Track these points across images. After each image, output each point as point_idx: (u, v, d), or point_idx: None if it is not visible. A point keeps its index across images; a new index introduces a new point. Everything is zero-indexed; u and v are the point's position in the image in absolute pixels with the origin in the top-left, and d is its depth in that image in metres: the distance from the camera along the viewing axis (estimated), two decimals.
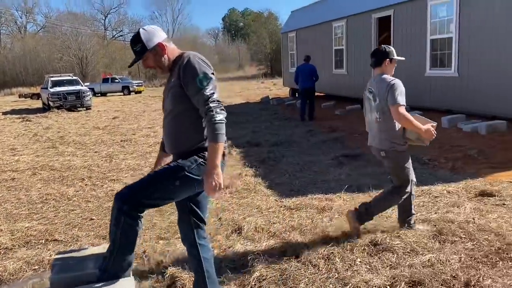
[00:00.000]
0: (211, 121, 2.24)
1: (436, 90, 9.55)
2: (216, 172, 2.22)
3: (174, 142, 2.47)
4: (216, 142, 2.24)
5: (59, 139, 10.50)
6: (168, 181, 2.34)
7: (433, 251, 3.32)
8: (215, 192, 2.25)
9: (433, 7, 9.41)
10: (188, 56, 2.36)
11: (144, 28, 2.43)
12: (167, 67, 2.45)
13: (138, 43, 2.39)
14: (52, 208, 5.14)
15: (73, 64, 51.27)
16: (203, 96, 2.27)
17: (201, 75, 2.29)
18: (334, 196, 4.94)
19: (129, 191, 2.33)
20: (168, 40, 2.46)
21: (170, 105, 2.43)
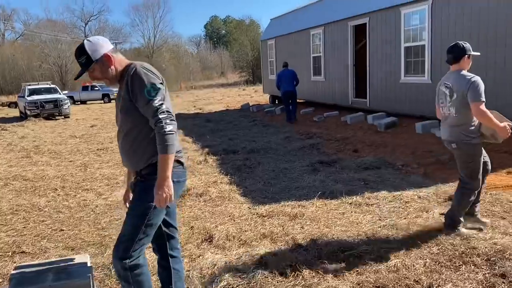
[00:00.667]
0: (161, 132, 2.22)
1: (411, 96, 9.72)
2: (167, 184, 2.22)
3: (130, 158, 2.43)
4: (166, 153, 2.22)
5: (34, 148, 10.32)
6: (146, 219, 2.34)
7: (400, 256, 3.37)
8: (165, 204, 2.25)
9: (406, 15, 9.61)
10: (134, 67, 2.32)
11: (89, 39, 2.39)
12: (114, 78, 2.41)
13: (83, 55, 2.34)
14: (22, 220, 5.04)
15: (52, 72, 50.58)
16: (151, 107, 2.24)
17: (148, 86, 2.26)
18: (307, 203, 4.97)
19: (120, 247, 2.33)
20: (114, 50, 2.42)
21: (122, 120, 2.40)
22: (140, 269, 2.37)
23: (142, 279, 2.38)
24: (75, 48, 2.42)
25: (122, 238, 2.35)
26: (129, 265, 2.31)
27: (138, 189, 2.41)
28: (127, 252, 2.31)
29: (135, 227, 2.33)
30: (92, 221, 4.87)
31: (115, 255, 2.34)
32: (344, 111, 12.54)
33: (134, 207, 2.39)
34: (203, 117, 15.48)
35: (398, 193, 5.16)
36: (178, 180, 2.39)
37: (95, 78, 2.41)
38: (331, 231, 4.03)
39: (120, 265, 2.31)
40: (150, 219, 2.34)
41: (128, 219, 2.38)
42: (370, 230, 4.00)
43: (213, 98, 27.83)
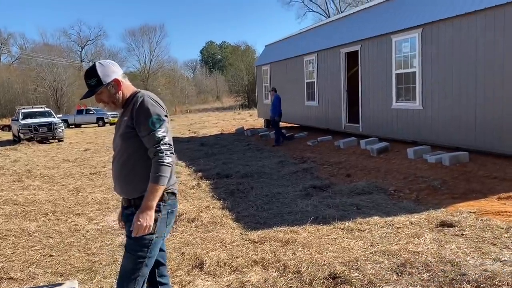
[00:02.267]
0: (158, 162, 2.23)
1: (402, 122, 9.84)
2: (149, 214, 2.23)
3: (124, 186, 2.42)
4: (157, 184, 2.23)
5: (26, 172, 10.26)
6: (145, 253, 2.34)
7: (390, 283, 3.36)
8: (142, 233, 2.24)
9: (397, 42, 9.82)
10: (142, 97, 2.35)
11: (101, 62, 2.41)
12: (120, 103, 2.44)
13: (93, 77, 2.36)
14: (11, 245, 4.98)
15: (47, 95, 50.68)
16: (154, 138, 2.26)
17: (154, 117, 2.29)
18: (299, 228, 4.96)
19: (125, 283, 2.33)
20: (124, 76, 2.45)
21: (119, 144, 2.41)
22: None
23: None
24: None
25: (125, 275, 2.34)
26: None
27: (130, 208, 2.39)
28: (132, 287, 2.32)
29: (136, 263, 2.32)
30: (82, 246, 4.82)
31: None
32: (337, 135, 12.63)
33: (132, 243, 2.34)
34: (198, 140, 15.51)
35: (390, 218, 5.16)
36: (172, 210, 2.40)
37: (101, 101, 2.42)
38: (322, 257, 4.01)
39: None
40: (150, 252, 2.34)
41: (128, 256, 2.36)
42: (362, 256, 3.99)
43: (208, 122, 27.93)
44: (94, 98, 2.48)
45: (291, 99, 16.09)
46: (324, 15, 52.99)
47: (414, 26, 9.18)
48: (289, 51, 16.28)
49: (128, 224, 2.41)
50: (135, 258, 2.32)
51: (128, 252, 2.36)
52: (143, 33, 64.32)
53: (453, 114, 8.34)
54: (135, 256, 2.32)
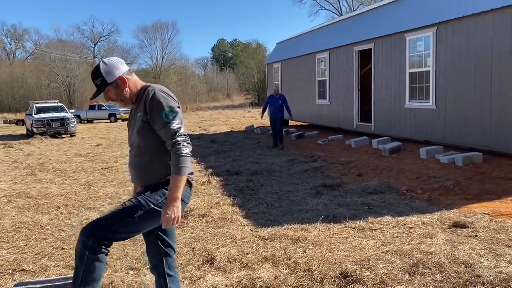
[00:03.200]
0: (177, 154, 2.26)
1: (415, 122, 9.74)
2: (176, 205, 2.24)
3: (141, 176, 2.47)
4: (180, 175, 2.26)
5: (38, 166, 10.37)
6: (134, 215, 2.32)
7: (403, 283, 3.32)
8: (172, 225, 2.25)
9: (411, 41, 9.72)
10: (153, 90, 2.37)
11: (104, 61, 2.42)
12: (129, 99, 2.46)
13: (98, 77, 2.38)
14: (24, 237, 5.03)
15: (60, 90, 51.24)
16: (170, 130, 2.29)
17: (167, 109, 2.31)
18: (309, 227, 4.93)
19: (95, 226, 2.31)
20: (129, 72, 2.46)
21: (136, 140, 2.43)
22: (97, 257, 2.29)
23: (96, 265, 2.30)
24: (91, 69, 2.46)
25: (101, 220, 2.34)
26: (91, 246, 2.26)
27: (144, 191, 2.42)
28: (95, 233, 2.27)
29: (118, 217, 2.32)
30: None
31: (84, 230, 2.30)
32: (348, 134, 12.57)
33: (129, 201, 2.40)
34: (208, 138, 15.54)
35: (402, 218, 5.11)
36: (183, 200, 2.40)
37: (110, 99, 2.46)
38: (333, 255, 3.98)
39: (83, 241, 2.27)
40: (136, 219, 2.31)
41: (117, 207, 2.39)
42: (373, 255, 3.95)
43: (218, 119, 27.97)
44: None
45: (302, 97, 16.04)
46: (337, 13, 52.76)
47: (429, 25, 9.08)
48: (301, 48, 16.21)
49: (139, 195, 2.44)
50: (120, 212, 2.33)
51: (118, 207, 2.40)
52: (156, 30, 64.71)
53: (467, 114, 8.24)
54: (121, 211, 2.34)
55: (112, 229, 2.30)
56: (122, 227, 2.31)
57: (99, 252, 2.29)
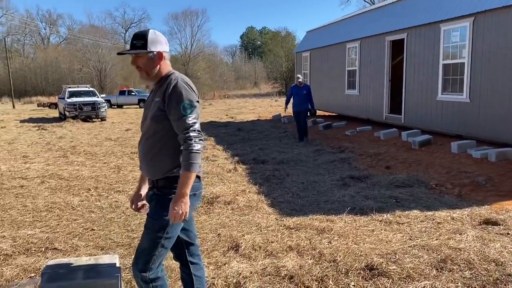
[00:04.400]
0: (188, 149, 2.21)
1: (447, 115, 9.48)
2: (184, 201, 2.22)
3: (149, 166, 2.41)
4: (190, 171, 2.21)
5: (70, 148, 10.67)
6: (165, 230, 2.34)
7: (430, 278, 3.27)
8: (179, 220, 2.24)
9: (446, 32, 9.41)
10: (176, 80, 2.31)
11: (155, 31, 2.38)
12: (153, 76, 2.39)
13: (141, 40, 2.33)
14: (56, 217, 5.20)
15: (92, 75, 52.39)
16: (184, 124, 2.23)
17: (186, 102, 2.25)
18: (335, 218, 4.90)
19: (143, 260, 2.36)
20: (168, 55, 2.43)
21: (149, 126, 2.38)
22: (160, 281, 2.40)
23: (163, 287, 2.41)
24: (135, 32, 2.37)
25: (142, 253, 2.37)
26: (150, 278, 2.35)
27: (154, 203, 2.39)
28: (147, 266, 2.34)
29: (153, 242, 2.34)
30: (122, 222, 4.97)
31: (135, 269, 2.37)
32: (377, 126, 12.36)
33: (151, 222, 2.37)
34: (235, 125, 15.59)
35: (430, 213, 5.02)
36: (194, 193, 2.38)
37: (136, 64, 2.37)
38: (359, 247, 3.95)
39: (141, 277, 2.35)
40: (168, 233, 2.34)
41: (146, 234, 2.38)
42: (400, 249, 3.90)
43: (245, 107, 28.02)
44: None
45: (331, 87, 15.85)
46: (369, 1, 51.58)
47: (466, 15, 8.75)
48: (331, 38, 15.97)
49: (151, 204, 2.43)
50: (153, 237, 2.34)
51: (146, 231, 2.38)
52: (186, 17, 64.99)
53: (502, 109, 7.95)
54: (152, 235, 2.34)
55: (156, 254, 2.35)
56: (161, 247, 2.36)
57: (157, 278, 2.39)
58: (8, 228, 4.78)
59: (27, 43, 66.09)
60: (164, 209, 2.28)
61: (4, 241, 4.34)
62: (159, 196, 2.36)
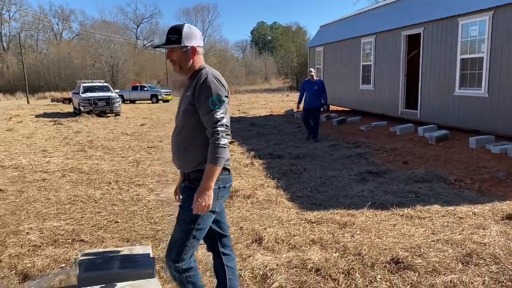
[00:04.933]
0: (215, 143, 2.25)
1: (464, 110, 9.40)
2: (208, 194, 2.26)
3: (180, 159, 2.47)
4: (215, 165, 2.26)
5: (88, 143, 10.80)
6: (196, 225, 2.39)
7: (456, 272, 3.28)
8: (202, 212, 2.29)
9: (465, 26, 9.32)
10: (206, 74, 2.34)
11: (190, 26, 2.42)
12: (186, 70, 2.44)
13: (175, 34, 2.37)
14: (80, 210, 5.29)
15: (104, 71, 52.80)
16: (212, 118, 2.27)
17: (214, 96, 2.28)
18: (356, 212, 4.92)
19: (175, 251, 2.40)
20: (202, 49, 2.47)
21: (181, 119, 2.43)
22: (193, 271, 2.45)
23: (195, 280, 2.46)
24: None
25: (175, 244, 2.41)
26: (183, 268, 2.39)
27: (186, 196, 2.44)
28: (179, 256, 2.39)
29: (186, 233, 2.39)
30: (145, 215, 5.04)
31: (168, 259, 2.42)
32: (392, 121, 12.30)
33: (183, 214, 2.42)
34: (247, 121, 15.62)
35: (451, 208, 5.01)
36: (224, 185, 2.43)
37: (171, 59, 2.42)
38: (382, 241, 3.97)
39: (175, 268, 2.40)
40: (199, 225, 2.39)
41: (178, 225, 2.44)
42: (424, 243, 3.91)
43: (257, 103, 28.01)
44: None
45: (345, 82, 15.78)
46: None
47: (485, 9, 8.65)
48: (345, 32, 15.88)
49: (182, 195, 2.49)
50: (185, 228, 2.39)
51: (179, 223, 2.44)
52: (197, 12, 65.33)
53: None
54: (185, 226, 2.39)
55: (188, 245, 2.40)
56: (193, 239, 2.40)
57: (190, 268, 2.44)
58: (34, 220, 4.88)
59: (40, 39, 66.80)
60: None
61: (32, 232, 4.44)
62: (190, 189, 2.41)
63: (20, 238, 4.27)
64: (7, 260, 3.74)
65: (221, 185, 2.39)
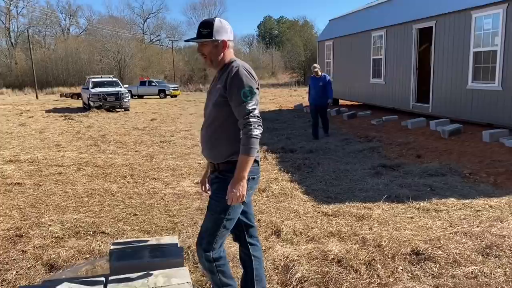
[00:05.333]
0: (248, 134, 2.29)
1: (478, 103, 9.36)
2: (242, 184, 2.30)
3: (211, 150, 2.50)
4: (248, 155, 2.29)
5: (100, 137, 10.89)
6: (226, 214, 2.43)
7: (476, 264, 3.30)
8: (236, 202, 2.33)
9: (478, 19, 9.25)
10: (237, 67, 2.38)
11: (221, 20, 2.45)
12: (217, 64, 2.47)
13: (207, 28, 2.41)
14: (98, 203, 5.36)
15: (111, 66, 52.97)
16: (244, 110, 2.31)
17: (246, 88, 2.32)
18: (372, 205, 4.95)
19: (205, 241, 2.44)
20: (232, 43, 2.50)
21: (211, 111, 2.47)
22: (222, 260, 2.49)
23: (224, 269, 2.51)
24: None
25: (205, 234, 2.46)
26: (213, 257, 2.44)
27: (217, 186, 2.48)
28: (210, 246, 2.43)
29: (216, 223, 2.43)
30: (162, 208, 5.10)
31: (199, 248, 2.46)
32: (403, 115, 12.26)
33: (214, 204, 2.46)
34: None
35: (467, 201, 5.01)
36: (253, 177, 2.47)
37: (201, 52, 2.46)
38: (401, 234, 3.99)
39: (205, 257, 2.44)
40: (229, 215, 2.43)
41: (209, 215, 2.48)
42: (442, 235, 3.93)
43: (265, 97, 27.98)
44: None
45: (355, 76, 15.74)
46: None
47: (498, 2, 8.59)
48: (355, 26, 15.82)
49: (213, 186, 2.52)
50: (215, 218, 2.43)
51: (209, 212, 2.48)
52: (204, 7, 65.26)
53: None
54: (215, 216, 2.43)
55: (218, 234, 2.44)
56: (223, 228, 2.45)
57: (220, 257, 2.48)
58: (54, 213, 4.95)
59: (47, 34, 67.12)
60: (225, 191, 2.36)
61: (54, 224, 4.51)
62: (221, 179, 2.45)
63: (42, 230, 4.34)
64: (32, 251, 3.82)
65: (251, 177, 2.43)
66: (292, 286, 3.06)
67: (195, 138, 10.48)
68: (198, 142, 10.02)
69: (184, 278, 2.30)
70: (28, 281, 3.23)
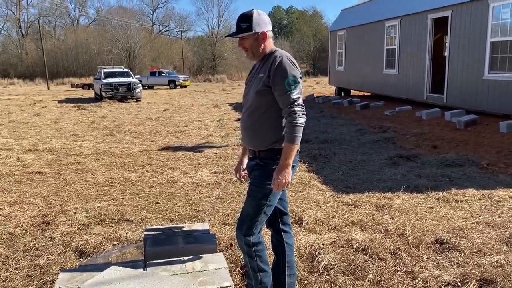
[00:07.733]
0: (292, 123, 2.32)
1: (494, 94, 9.28)
2: (287, 171, 2.34)
3: (252, 138, 2.55)
4: (293, 143, 2.33)
5: (115, 127, 10.99)
6: (267, 201, 2.47)
7: (501, 253, 3.32)
8: (282, 188, 2.38)
9: (496, 8, 9.14)
10: (281, 56, 2.42)
11: (259, 12, 2.48)
12: (258, 55, 2.51)
13: (246, 22, 2.43)
14: (119, 191, 5.44)
15: (121, 56, 53.07)
16: (289, 98, 2.34)
17: (290, 78, 2.35)
18: (392, 195, 4.96)
19: (246, 225, 2.49)
20: (271, 33, 2.53)
21: (253, 101, 2.50)
22: (261, 245, 2.54)
23: (262, 254, 2.55)
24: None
25: (246, 218, 2.51)
26: (253, 241, 2.49)
27: (258, 173, 2.52)
28: (250, 230, 2.48)
29: (257, 208, 2.47)
30: (183, 196, 5.17)
31: (239, 233, 2.51)
32: (416, 106, 12.21)
33: (255, 190, 2.50)
34: None
35: (487, 191, 5.02)
36: (293, 165, 2.49)
37: (243, 46, 2.50)
38: (423, 223, 4.02)
39: (245, 242, 2.49)
40: (270, 201, 2.48)
41: (249, 201, 2.53)
42: (464, 225, 3.95)
43: None
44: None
45: (368, 67, 15.65)
46: None
47: None
48: (368, 16, 15.69)
49: (254, 173, 2.56)
50: (256, 204, 2.48)
51: (250, 198, 2.53)
52: None
53: None
54: (256, 202, 2.48)
55: (258, 220, 2.49)
56: (263, 214, 2.49)
57: (259, 242, 2.53)
58: (77, 201, 5.04)
59: (57, 25, 67.36)
60: (267, 178, 2.41)
61: (79, 212, 4.60)
62: (262, 166, 2.49)
63: (68, 217, 4.43)
64: (60, 237, 3.91)
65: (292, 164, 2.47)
66: (319, 273, 3.11)
67: (209, 128, 10.53)
68: (211, 132, 10.08)
69: (221, 264, 2.35)
70: (60, 267, 3.31)
